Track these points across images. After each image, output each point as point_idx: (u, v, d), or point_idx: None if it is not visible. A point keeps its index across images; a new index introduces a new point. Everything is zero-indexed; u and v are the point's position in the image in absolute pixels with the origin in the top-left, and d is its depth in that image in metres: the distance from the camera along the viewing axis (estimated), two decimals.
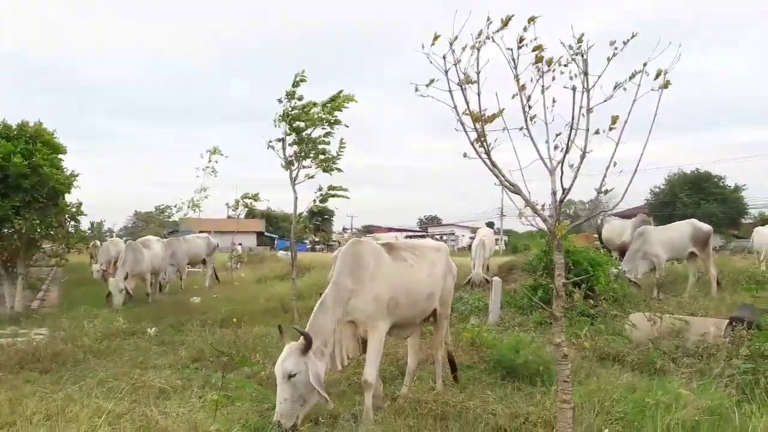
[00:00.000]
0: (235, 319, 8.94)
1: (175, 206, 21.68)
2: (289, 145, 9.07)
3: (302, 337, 4.56)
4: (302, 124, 8.70)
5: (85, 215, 13.01)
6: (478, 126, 4.00)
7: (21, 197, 10.88)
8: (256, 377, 6.07)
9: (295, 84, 8.57)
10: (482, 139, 4.03)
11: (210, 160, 16.86)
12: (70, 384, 6.11)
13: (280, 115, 8.68)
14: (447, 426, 4.86)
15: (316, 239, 51.96)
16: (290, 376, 4.45)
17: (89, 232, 17.67)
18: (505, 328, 9.04)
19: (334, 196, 9.25)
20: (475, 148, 4.05)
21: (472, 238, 21.02)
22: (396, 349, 7.52)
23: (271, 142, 9.00)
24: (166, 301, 13.41)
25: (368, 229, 62.32)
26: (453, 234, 62.46)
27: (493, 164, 4.05)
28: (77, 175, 12.20)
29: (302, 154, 8.94)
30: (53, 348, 7.38)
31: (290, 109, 8.61)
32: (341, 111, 8.88)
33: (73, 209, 12.49)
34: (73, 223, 12.87)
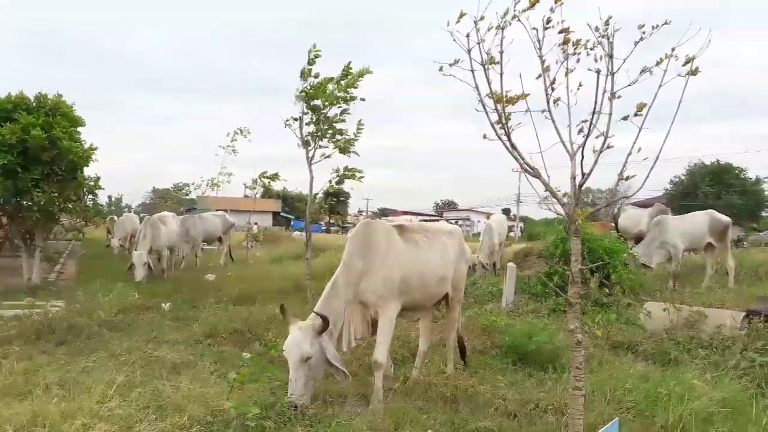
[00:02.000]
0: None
1: (192, 184, 21.78)
2: (306, 124, 9.00)
3: (319, 318, 4.57)
4: (319, 103, 8.61)
5: (103, 189, 13.10)
6: (499, 107, 3.92)
7: (40, 170, 10.95)
8: (267, 356, 6.09)
9: (311, 61, 8.44)
10: (503, 120, 3.95)
11: (233, 140, 16.88)
12: (85, 356, 6.19)
13: (297, 93, 8.59)
14: (457, 409, 4.86)
15: (331, 221, 52.08)
16: (307, 359, 4.49)
17: (107, 206, 17.81)
18: (518, 314, 9.01)
19: (350, 177, 9.18)
20: (495, 130, 3.98)
21: None
22: (407, 332, 7.52)
23: (287, 120, 8.94)
24: (181, 278, 13.51)
25: (384, 212, 62.37)
26: (468, 219, 62.30)
27: (513, 147, 3.98)
28: (95, 149, 12.24)
29: (319, 133, 8.87)
30: (69, 320, 7.44)
31: (308, 87, 8.52)
32: (356, 87, 8.74)
33: (91, 183, 12.55)
34: (90, 197, 12.94)
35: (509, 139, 4.01)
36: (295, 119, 8.93)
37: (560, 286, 8.09)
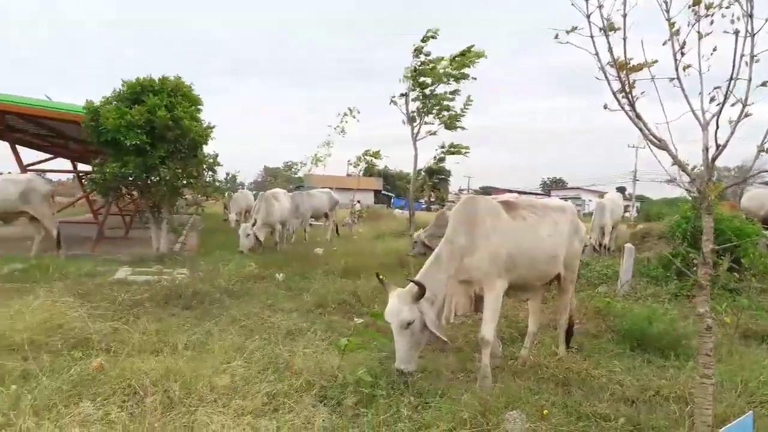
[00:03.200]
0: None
1: (300, 162, 22.57)
2: (413, 100, 9.00)
3: (415, 285, 4.59)
4: (428, 80, 8.58)
5: (221, 166, 13.83)
6: (622, 75, 3.68)
7: (165, 148, 11.74)
8: (375, 326, 6.22)
9: (425, 39, 8.43)
10: (626, 89, 3.70)
11: (342, 120, 17.22)
12: (208, 320, 6.64)
13: (407, 71, 8.61)
14: (569, 392, 4.71)
15: (432, 198, 52.07)
16: (408, 324, 4.54)
17: (224, 183, 18.87)
18: (636, 298, 8.56)
19: (456, 153, 9.10)
20: (617, 99, 3.74)
21: None
22: (516, 312, 7.39)
23: (394, 97, 8.99)
24: (292, 251, 14.10)
25: (486, 191, 61.34)
26: (579, 198, 59.63)
27: (638, 116, 3.72)
28: (213, 127, 12.94)
29: (425, 109, 8.85)
30: (193, 287, 7.98)
31: (418, 64, 8.51)
32: (469, 67, 8.63)
33: (210, 160, 13.32)
34: (210, 173, 13.73)
35: (633, 109, 3.75)
36: (402, 95, 8.96)
37: (683, 269, 7.56)
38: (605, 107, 3.86)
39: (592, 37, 3.76)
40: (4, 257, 10.39)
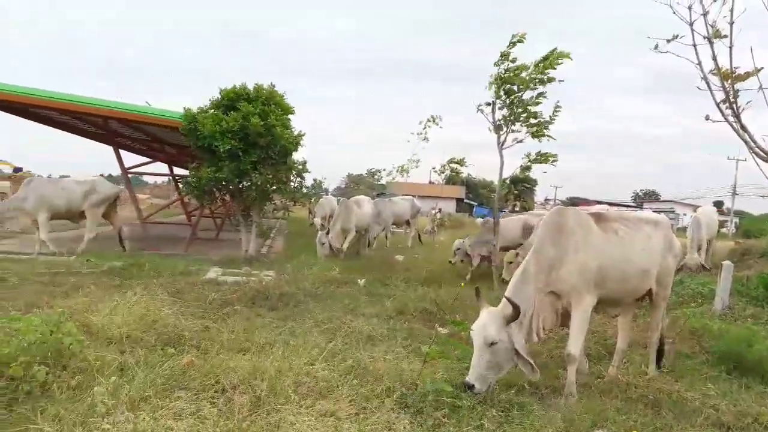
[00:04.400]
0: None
1: (384, 170, 22.84)
2: (499, 108, 8.90)
3: (510, 306, 4.49)
4: (514, 87, 8.45)
5: (309, 172, 14.24)
6: (726, 84, 3.50)
7: (258, 154, 12.27)
8: (457, 336, 6.19)
9: (511, 44, 8.31)
10: (731, 99, 3.52)
11: (425, 127, 17.22)
12: (292, 321, 6.86)
13: (492, 78, 8.53)
14: (659, 414, 4.49)
15: (517, 208, 51.02)
16: (492, 344, 4.45)
17: (311, 188, 19.35)
18: (734, 318, 8.01)
19: (543, 161, 8.89)
20: (721, 110, 3.56)
21: None
22: (604, 328, 7.13)
23: (480, 105, 8.93)
24: (373, 257, 14.27)
25: (573, 202, 59.40)
26: (673, 211, 56.44)
27: (743, 127, 3.53)
28: (303, 135, 13.38)
29: (512, 117, 8.72)
30: (279, 289, 8.23)
31: (503, 71, 8.41)
32: (555, 69, 8.41)
33: (299, 166, 13.76)
34: (299, 179, 14.18)
35: (738, 120, 3.56)
36: (488, 104, 8.89)
37: None
38: (707, 118, 3.69)
39: (695, 45, 3.61)
40: (103, 255, 11.16)
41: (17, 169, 28.05)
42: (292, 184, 13.91)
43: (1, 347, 4.02)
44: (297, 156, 13.68)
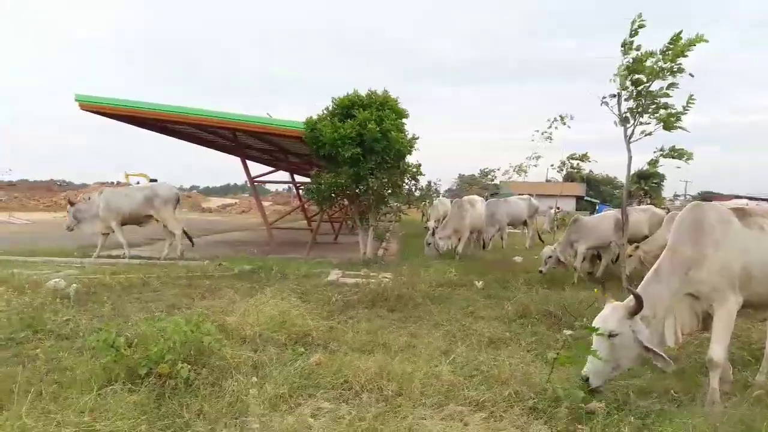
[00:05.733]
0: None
1: (498, 169, 22.40)
2: (625, 100, 8.35)
3: (633, 298, 4.26)
4: (642, 77, 7.89)
5: (423, 175, 14.30)
6: None
7: (375, 159, 12.54)
8: (586, 339, 5.88)
9: (633, 33, 7.75)
10: None
11: (551, 126, 16.54)
12: (412, 322, 6.89)
13: (619, 69, 8.02)
14: None
15: (644, 205, 47.95)
16: (610, 335, 4.25)
17: (424, 191, 19.38)
18: None
19: (676, 157, 8.21)
20: None
21: None
22: (748, 332, 6.49)
23: (605, 98, 8.43)
24: (490, 259, 14.02)
25: (705, 196, 54.73)
26: None
27: None
28: (417, 138, 13.46)
29: (640, 109, 8.14)
30: (397, 290, 8.30)
31: (630, 61, 7.87)
32: (686, 56, 7.73)
33: (414, 170, 13.86)
34: (413, 182, 14.28)
35: None
36: (613, 96, 8.38)
37: None
38: None
39: None
40: (233, 259, 11.88)
41: (152, 181, 30.81)
42: (406, 187, 14.03)
43: (150, 347, 4.37)
44: (411, 159, 13.79)
